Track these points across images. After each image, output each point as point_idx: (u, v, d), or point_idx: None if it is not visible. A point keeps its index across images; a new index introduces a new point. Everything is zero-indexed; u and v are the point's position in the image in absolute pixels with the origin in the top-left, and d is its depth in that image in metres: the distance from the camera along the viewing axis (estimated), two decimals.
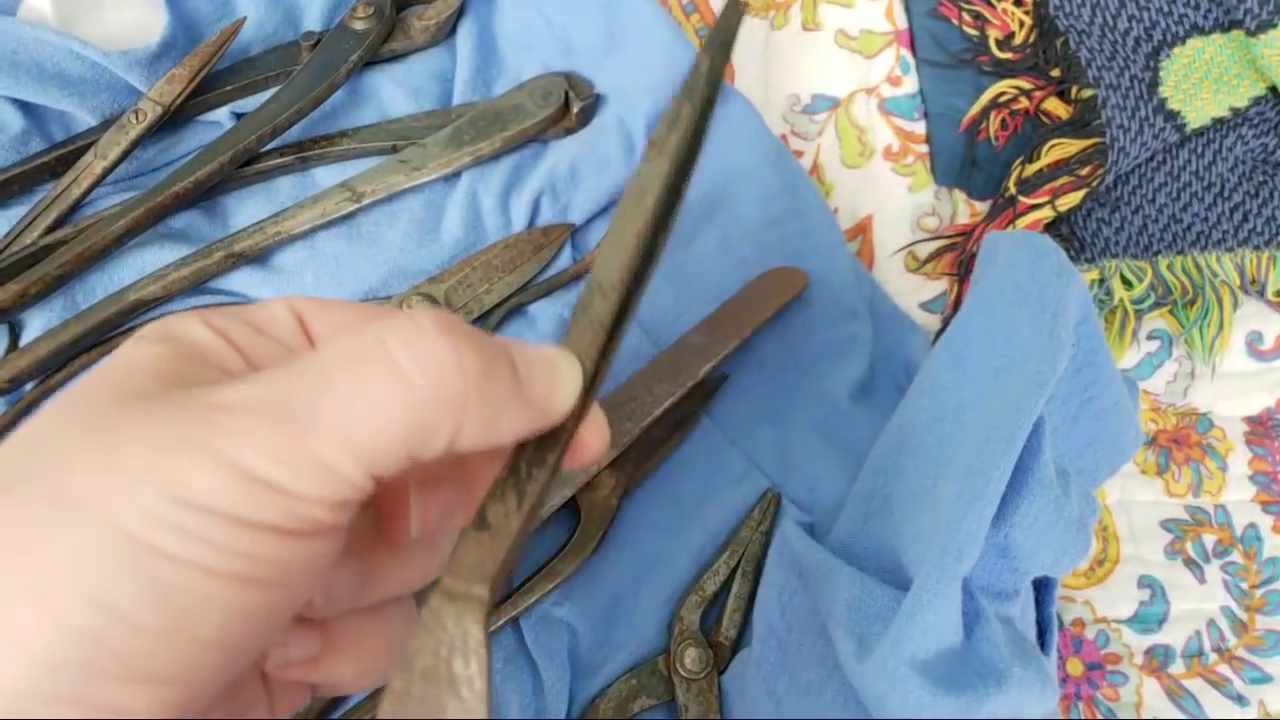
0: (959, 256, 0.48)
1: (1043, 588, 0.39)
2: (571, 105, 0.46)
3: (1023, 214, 0.47)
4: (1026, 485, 0.34)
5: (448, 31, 0.49)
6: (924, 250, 0.48)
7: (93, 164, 0.44)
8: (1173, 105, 0.48)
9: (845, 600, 0.35)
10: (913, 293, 0.48)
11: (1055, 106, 0.49)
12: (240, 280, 0.44)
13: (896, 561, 0.36)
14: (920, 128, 0.50)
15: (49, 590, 0.17)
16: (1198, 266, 0.48)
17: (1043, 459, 0.34)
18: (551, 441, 0.22)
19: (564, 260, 0.45)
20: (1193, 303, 0.48)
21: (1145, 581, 0.45)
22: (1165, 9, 0.50)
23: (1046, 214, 0.47)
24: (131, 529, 0.17)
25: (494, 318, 0.44)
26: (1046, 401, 0.35)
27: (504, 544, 0.21)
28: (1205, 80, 0.48)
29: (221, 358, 0.21)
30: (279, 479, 0.18)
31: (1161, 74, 0.48)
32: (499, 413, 0.20)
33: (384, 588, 0.23)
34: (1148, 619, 0.44)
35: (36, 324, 0.43)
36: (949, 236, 0.49)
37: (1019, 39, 0.51)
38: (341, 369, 0.19)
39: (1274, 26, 0.47)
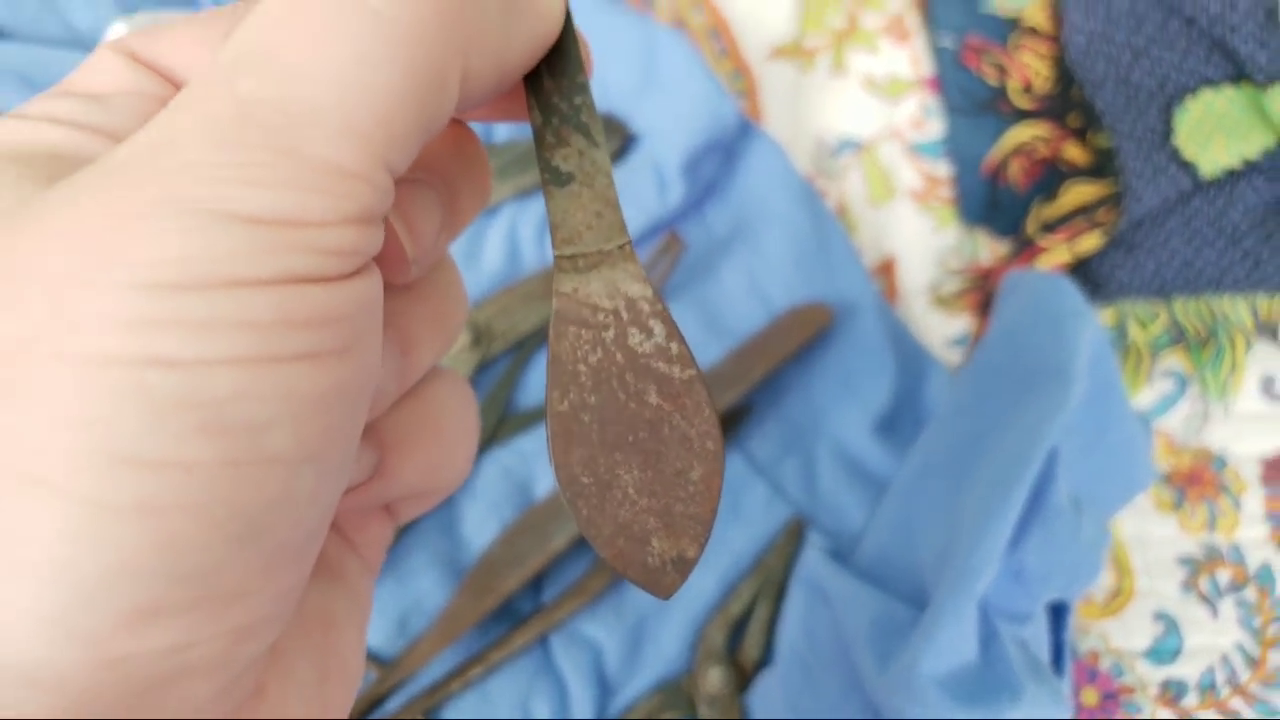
0: (981, 297, 0.49)
1: (1057, 614, 0.40)
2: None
3: (1040, 255, 0.49)
4: (1041, 512, 0.36)
5: None
6: (948, 289, 0.50)
7: None
8: (1186, 156, 0.50)
9: (868, 619, 0.36)
10: (936, 329, 0.49)
11: (1074, 152, 0.51)
12: None
13: (919, 584, 0.37)
14: (945, 171, 0.52)
15: (38, 470, 0.12)
16: (1211, 309, 0.49)
17: (1056, 486, 0.36)
18: (564, 62, 0.18)
19: None
20: (1206, 344, 0.49)
21: (1160, 615, 0.46)
22: (1176, 64, 0.51)
23: (1064, 257, 0.49)
24: (98, 348, 0.12)
25: (531, 344, 0.46)
26: (1061, 433, 0.36)
27: (603, 183, 0.17)
28: (1217, 132, 0.50)
29: (74, 145, 0.15)
30: (282, 208, 0.13)
31: (1175, 124, 0.50)
32: (498, 28, 0.15)
33: (420, 350, 0.19)
34: (1162, 652, 0.45)
35: None
36: (973, 279, 0.50)
37: (1038, 88, 0.53)
38: (283, 39, 0.13)
39: None
